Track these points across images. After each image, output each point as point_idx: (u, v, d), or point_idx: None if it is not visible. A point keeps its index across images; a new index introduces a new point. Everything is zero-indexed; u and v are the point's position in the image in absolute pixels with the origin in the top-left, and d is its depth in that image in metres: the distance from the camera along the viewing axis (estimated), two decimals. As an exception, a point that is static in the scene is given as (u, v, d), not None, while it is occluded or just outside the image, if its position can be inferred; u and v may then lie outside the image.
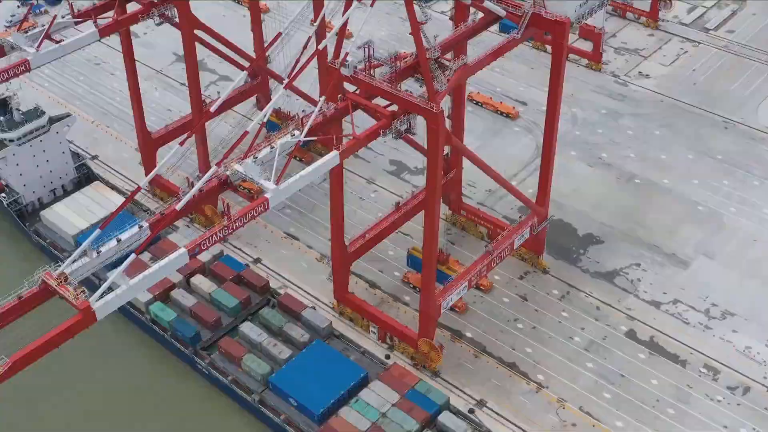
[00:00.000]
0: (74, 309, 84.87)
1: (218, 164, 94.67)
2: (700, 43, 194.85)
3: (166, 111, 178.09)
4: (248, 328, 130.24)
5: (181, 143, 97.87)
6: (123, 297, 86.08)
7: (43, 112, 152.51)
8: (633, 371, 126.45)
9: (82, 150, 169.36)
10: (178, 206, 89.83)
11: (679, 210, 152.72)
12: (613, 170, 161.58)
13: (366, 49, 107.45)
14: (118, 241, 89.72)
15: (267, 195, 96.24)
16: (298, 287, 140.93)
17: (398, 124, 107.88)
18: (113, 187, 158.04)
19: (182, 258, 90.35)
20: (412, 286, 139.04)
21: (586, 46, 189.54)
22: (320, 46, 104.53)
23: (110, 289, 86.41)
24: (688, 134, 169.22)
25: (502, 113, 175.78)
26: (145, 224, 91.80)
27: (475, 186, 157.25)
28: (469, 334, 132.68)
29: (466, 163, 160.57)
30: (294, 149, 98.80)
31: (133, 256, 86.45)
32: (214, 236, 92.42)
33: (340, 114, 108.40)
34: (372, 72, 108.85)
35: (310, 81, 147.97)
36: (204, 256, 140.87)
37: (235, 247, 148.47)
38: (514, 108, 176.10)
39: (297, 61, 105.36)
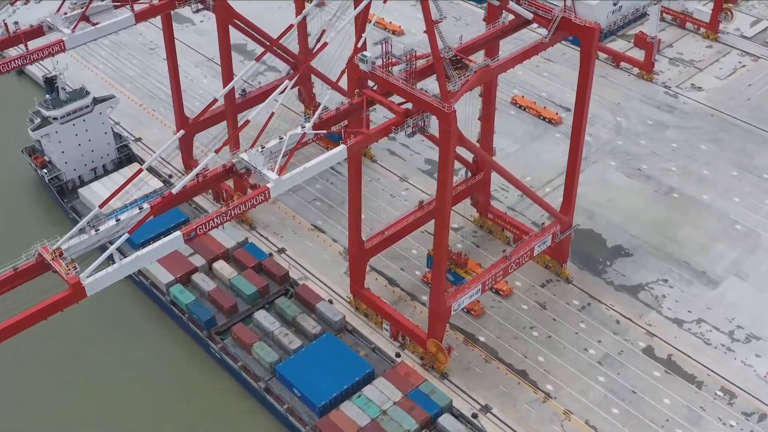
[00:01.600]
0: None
1: (216, 151, 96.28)
2: (759, 57, 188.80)
3: (211, 98, 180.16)
4: (262, 317, 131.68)
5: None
6: (114, 275, 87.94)
7: (87, 93, 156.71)
8: (645, 388, 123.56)
9: (127, 132, 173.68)
10: (175, 190, 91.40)
11: (716, 227, 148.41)
12: (651, 182, 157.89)
13: (383, 46, 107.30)
14: (117, 221, 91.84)
15: (269, 185, 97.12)
16: (318, 279, 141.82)
17: (412, 122, 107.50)
18: (151, 170, 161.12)
19: (177, 241, 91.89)
20: (431, 286, 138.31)
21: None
22: (326, 39, 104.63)
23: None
24: (734, 150, 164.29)
25: (544, 118, 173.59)
26: (146, 206, 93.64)
27: (507, 190, 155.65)
28: (482, 339, 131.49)
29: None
30: (300, 141, 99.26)
31: (126, 235, 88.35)
32: (211, 222, 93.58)
33: (355, 109, 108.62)
34: (390, 69, 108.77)
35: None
36: (228, 243, 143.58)
37: (262, 236, 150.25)
38: (557, 114, 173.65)
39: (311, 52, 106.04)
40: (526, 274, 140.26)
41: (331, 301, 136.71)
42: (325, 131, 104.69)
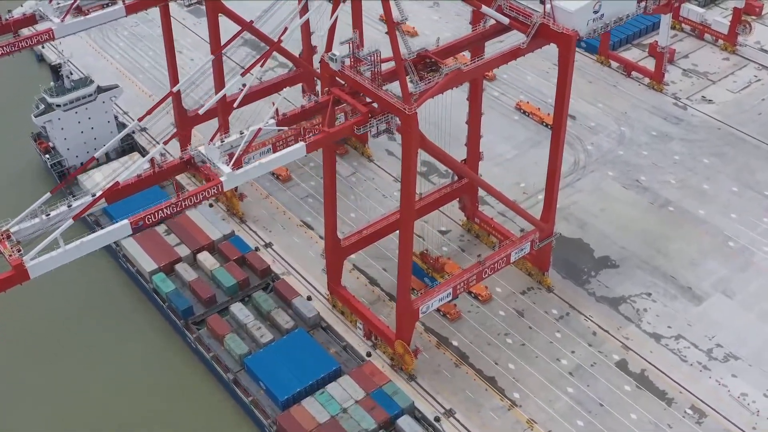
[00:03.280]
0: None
1: (165, 143, 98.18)
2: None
3: (219, 90, 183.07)
4: (238, 309, 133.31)
5: (140, 119, 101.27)
6: (57, 260, 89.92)
7: (92, 82, 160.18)
8: (614, 402, 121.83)
9: (134, 121, 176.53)
10: (121, 179, 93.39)
11: (708, 243, 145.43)
12: (648, 194, 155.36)
13: (351, 45, 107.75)
14: (69, 206, 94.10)
15: (222, 178, 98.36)
16: (301, 275, 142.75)
17: (376, 123, 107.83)
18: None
19: (124, 229, 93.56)
20: (411, 287, 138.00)
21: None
22: (284, 35, 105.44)
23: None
24: (738, 165, 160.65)
25: (547, 125, 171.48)
26: (99, 192, 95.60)
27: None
28: (455, 343, 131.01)
29: (495, 170, 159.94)
30: (255, 135, 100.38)
31: (70, 221, 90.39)
32: (160, 212, 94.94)
33: (320, 107, 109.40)
34: (359, 68, 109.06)
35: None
36: (215, 235, 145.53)
37: (251, 229, 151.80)
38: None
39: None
40: (507, 280, 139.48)
41: (309, 298, 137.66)
42: (286, 128, 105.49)
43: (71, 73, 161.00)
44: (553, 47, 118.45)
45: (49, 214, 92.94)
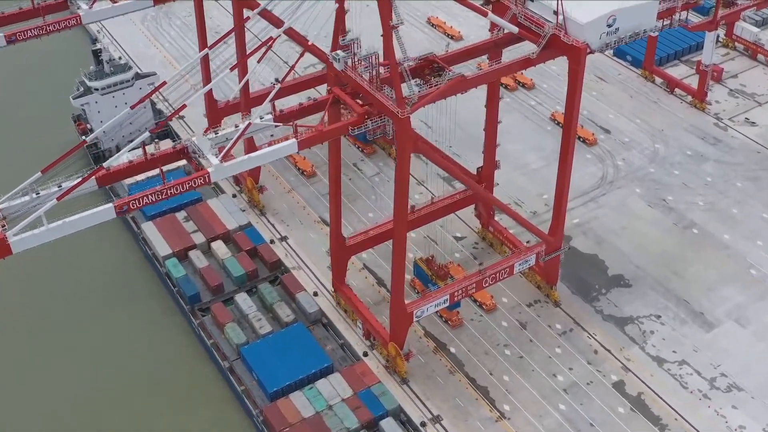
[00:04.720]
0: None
1: (152, 132, 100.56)
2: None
3: (258, 85, 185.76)
4: (242, 299, 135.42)
5: (132, 107, 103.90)
6: (40, 237, 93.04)
7: (130, 68, 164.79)
8: (604, 423, 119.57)
9: (173, 109, 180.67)
10: (107, 164, 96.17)
11: (728, 269, 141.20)
12: (673, 215, 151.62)
13: (352, 46, 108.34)
14: (59, 186, 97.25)
15: (209, 170, 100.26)
16: (311, 271, 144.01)
17: (372, 124, 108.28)
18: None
19: (108, 212, 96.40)
20: (416, 291, 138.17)
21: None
22: (285, 28, 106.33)
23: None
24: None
25: (579, 137, 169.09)
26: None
27: (521, 205, 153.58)
28: (452, 349, 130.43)
29: (520, 179, 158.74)
30: (245, 130, 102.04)
31: (54, 201, 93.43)
32: (145, 198, 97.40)
33: (320, 105, 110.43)
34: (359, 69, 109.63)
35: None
36: (231, 225, 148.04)
37: (269, 222, 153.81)
38: (593, 134, 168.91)
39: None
40: (514, 291, 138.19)
41: (316, 293, 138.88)
42: (281, 124, 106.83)
43: (120, 58, 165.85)
44: (599, 57, 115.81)
45: (39, 193, 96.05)
